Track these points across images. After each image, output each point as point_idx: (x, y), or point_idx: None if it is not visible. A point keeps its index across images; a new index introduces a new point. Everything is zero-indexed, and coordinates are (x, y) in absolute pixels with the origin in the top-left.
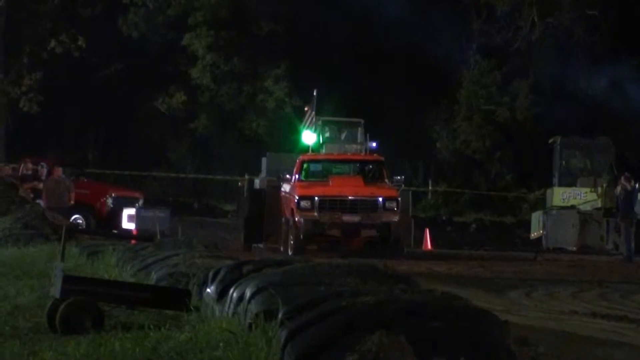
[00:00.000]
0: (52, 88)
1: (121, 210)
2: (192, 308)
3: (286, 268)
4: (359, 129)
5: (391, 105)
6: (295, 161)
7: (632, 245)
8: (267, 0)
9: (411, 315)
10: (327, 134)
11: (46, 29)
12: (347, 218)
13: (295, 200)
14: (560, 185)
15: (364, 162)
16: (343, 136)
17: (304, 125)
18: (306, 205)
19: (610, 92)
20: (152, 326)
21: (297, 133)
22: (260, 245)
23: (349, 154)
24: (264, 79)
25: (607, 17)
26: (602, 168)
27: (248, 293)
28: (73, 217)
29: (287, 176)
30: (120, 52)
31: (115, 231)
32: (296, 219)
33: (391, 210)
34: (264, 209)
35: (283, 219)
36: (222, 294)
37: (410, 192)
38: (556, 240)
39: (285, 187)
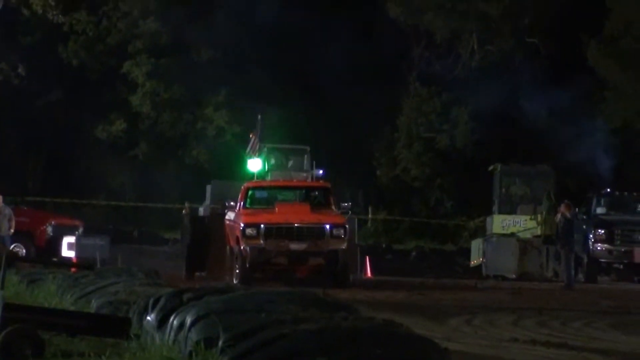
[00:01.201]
0: None
1: (61, 238)
2: (133, 336)
3: (227, 296)
4: (305, 156)
5: (331, 132)
6: (241, 189)
7: (572, 272)
8: (207, 27)
9: (352, 343)
10: (272, 161)
11: None
12: (293, 246)
13: (241, 228)
14: (500, 212)
15: (310, 189)
16: (290, 164)
17: (249, 153)
18: (252, 233)
19: (550, 119)
20: (92, 354)
21: (241, 160)
22: (203, 274)
23: (294, 180)
24: (204, 106)
25: (547, 44)
26: (542, 195)
27: (189, 321)
28: (13, 245)
29: (232, 203)
30: (61, 79)
31: (55, 259)
32: (242, 247)
33: (338, 237)
34: (207, 237)
35: (228, 248)
36: (162, 322)
37: (356, 220)
38: (496, 268)
39: (230, 215)
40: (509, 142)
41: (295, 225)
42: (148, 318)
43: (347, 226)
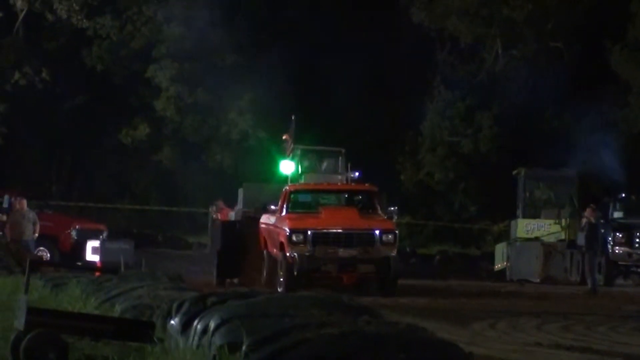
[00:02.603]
0: (16, 120)
1: (85, 243)
2: (156, 340)
3: (250, 300)
4: (340, 158)
5: (355, 136)
6: (274, 192)
7: (597, 277)
8: (231, 32)
9: (376, 347)
10: (306, 164)
11: (10, 61)
12: (343, 253)
13: (287, 234)
14: (524, 216)
15: (355, 193)
16: (323, 166)
17: (284, 155)
18: (298, 239)
19: (574, 124)
20: (116, 358)
21: (273, 163)
22: (235, 281)
23: (335, 183)
24: (228, 110)
25: (570, 49)
26: (566, 200)
27: (212, 325)
28: (37, 250)
29: (272, 207)
30: (85, 84)
31: (79, 263)
32: (287, 254)
33: (388, 243)
34: (239, 242)
35: (265, 254)
36: (186, 326)
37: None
38: (520, 272)
39: (268, 219)
40: (532, 147)
41: (345, 231)
42: (172, 322)
43: (397, 232)
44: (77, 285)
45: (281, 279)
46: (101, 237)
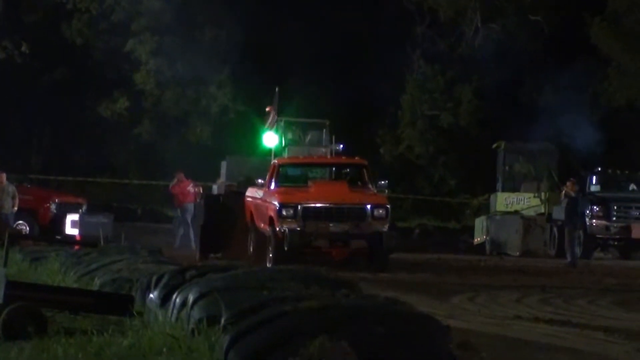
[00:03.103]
0: None
1: (64, 216)
2: (135, 313)
3: (229, 273)
4: (324, 130)
5: (333, 110)
6: (258, 165)
7: (576, 250)
8: (211, 6)
9: (354, 320)
10: (289, 136)
11: None
12: (334, 228)
13: (276, 208)
14: (503, 190)
15: (345, 166)
16: (307, 138)
17: (268, 127)
18: (289, 213)
19: (554, 97)
20: (95, 332)
21: (256, 136)
22: (218, 255)
23: (324, 157)
24: (208, 84)
25: (550, 22)
26: (546, 173)
27: (191, 298)
28: (16, 223)
29: (260, 181)
30: (64, 58)
31: (58, 237)
32: (277, 228)
33: (380, 218)
34: (222, 217)
35: (252, 228)
36: (165, 300)
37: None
38: (499, 246)
39: (255, 193)
40: (512, 120)
41: (336, 205)
42: (151, 296)
43: (388, 206)
44: (56, 258)
45: (270, 255)
46: (80, 210)
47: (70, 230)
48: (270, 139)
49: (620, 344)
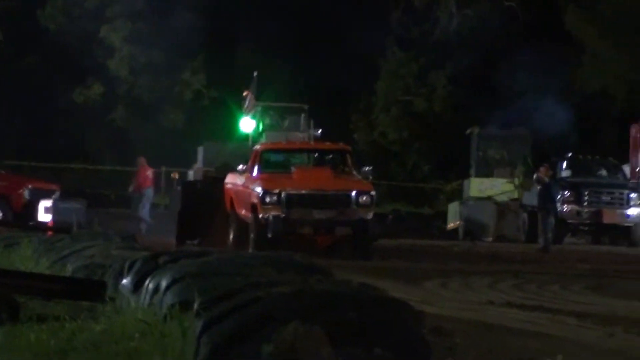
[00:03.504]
0: None
1: (38, 202)
2: (108, 299)
3: (202, 259)
4: (302, 115)
5: (307, 95)
6: (235, 150)
7: (549, 235)
8: None
9: (327, 306)
10: (267, 121)
11: None
12: (318, 215)
13: (259, 195)
14: (477, 176)
15: (329, 152)
16: (285, 123)
17: (245, 111)
18: (272, 200)
19: (528, 83)
20: (67, 317)
21: (233, 121)
22: (195, 242)
23: (307, 142)
24: (182, 70)
25: (524, 8)
26: (519, 159)
27: (164, 284)
28: None
29: (241, 167)
30: (38, 44)
31: (31, 223)
32: (260, 215)
33: (365, 205)
34: (200, 203)
35: (233, 215)
36: (137, 285)
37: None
38: (473, 231)
39: (237, 179)
40: (486, 106)
41: (320, 192)
42: (123, 281)
43: (373, 193)
44: (29, 244)
45: (252, 243)
46: (54, 196)
47: (44, 216)
48: (247, 124)
49: (593, 329)
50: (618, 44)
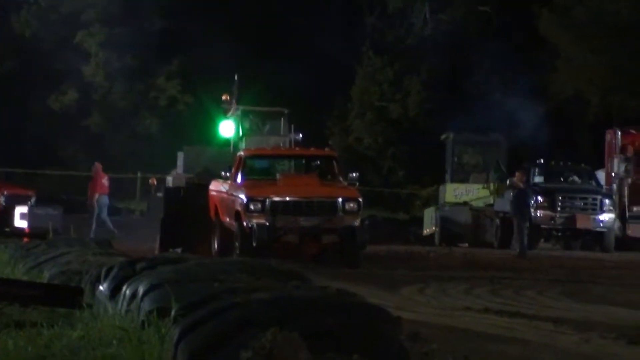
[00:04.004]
0: None
1: (13, 208)
2: (85, 306)
3: (180, 265)
4: (282, 119)
5: (283, 101)
6: (215, 156)
7: (525, 241)
8: None
9: (305, 312)
10: (247, 125)
11: None
12: (304, 222)
13: (243, 203)
14: (452, 181)
15: (314, 158)
16: (266, 128)
17: (224, 116)
18: (256, 208)
19: (502, 88)
20: (44, 324)
21: (207, 127)
22: (178, 250)
23: (284, 148)
24: (157, 76)
25: (498, 13)
26: (494, 165)
27: (141, 290)
28: None
29: (224, 173)
30: (13, 50)
31: (7, 229)
32: (244, 223)
33: (352, 212)
34: (183, 210)
35: (217, 223)
36: (115, 292)
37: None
38: (449, 237)
39: (221, 186)
40: (461, 112)
41: (306, 199)
42: (100, 288)
43: (360, 200)
44: (5, 251)
45: (237, 251)
46: (29, 202)
47: (19, 222)
48: (227, 129)
49: (569, 335)
50: (592, 49)
